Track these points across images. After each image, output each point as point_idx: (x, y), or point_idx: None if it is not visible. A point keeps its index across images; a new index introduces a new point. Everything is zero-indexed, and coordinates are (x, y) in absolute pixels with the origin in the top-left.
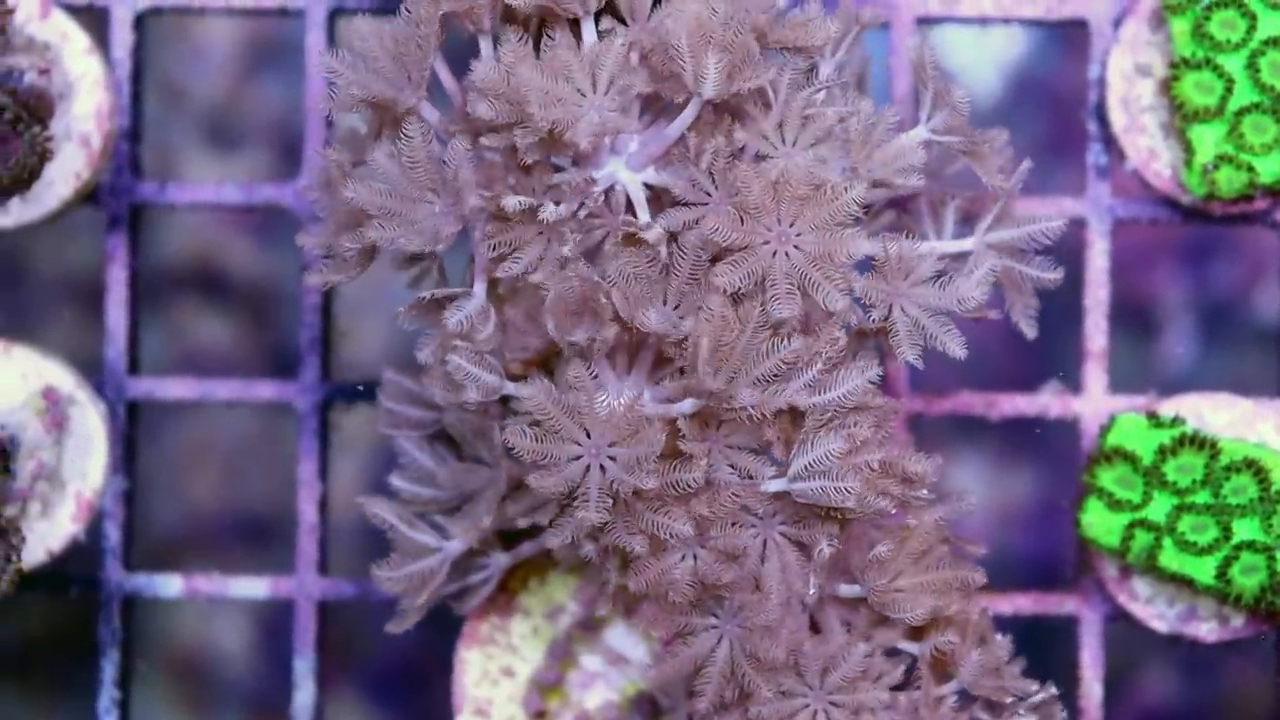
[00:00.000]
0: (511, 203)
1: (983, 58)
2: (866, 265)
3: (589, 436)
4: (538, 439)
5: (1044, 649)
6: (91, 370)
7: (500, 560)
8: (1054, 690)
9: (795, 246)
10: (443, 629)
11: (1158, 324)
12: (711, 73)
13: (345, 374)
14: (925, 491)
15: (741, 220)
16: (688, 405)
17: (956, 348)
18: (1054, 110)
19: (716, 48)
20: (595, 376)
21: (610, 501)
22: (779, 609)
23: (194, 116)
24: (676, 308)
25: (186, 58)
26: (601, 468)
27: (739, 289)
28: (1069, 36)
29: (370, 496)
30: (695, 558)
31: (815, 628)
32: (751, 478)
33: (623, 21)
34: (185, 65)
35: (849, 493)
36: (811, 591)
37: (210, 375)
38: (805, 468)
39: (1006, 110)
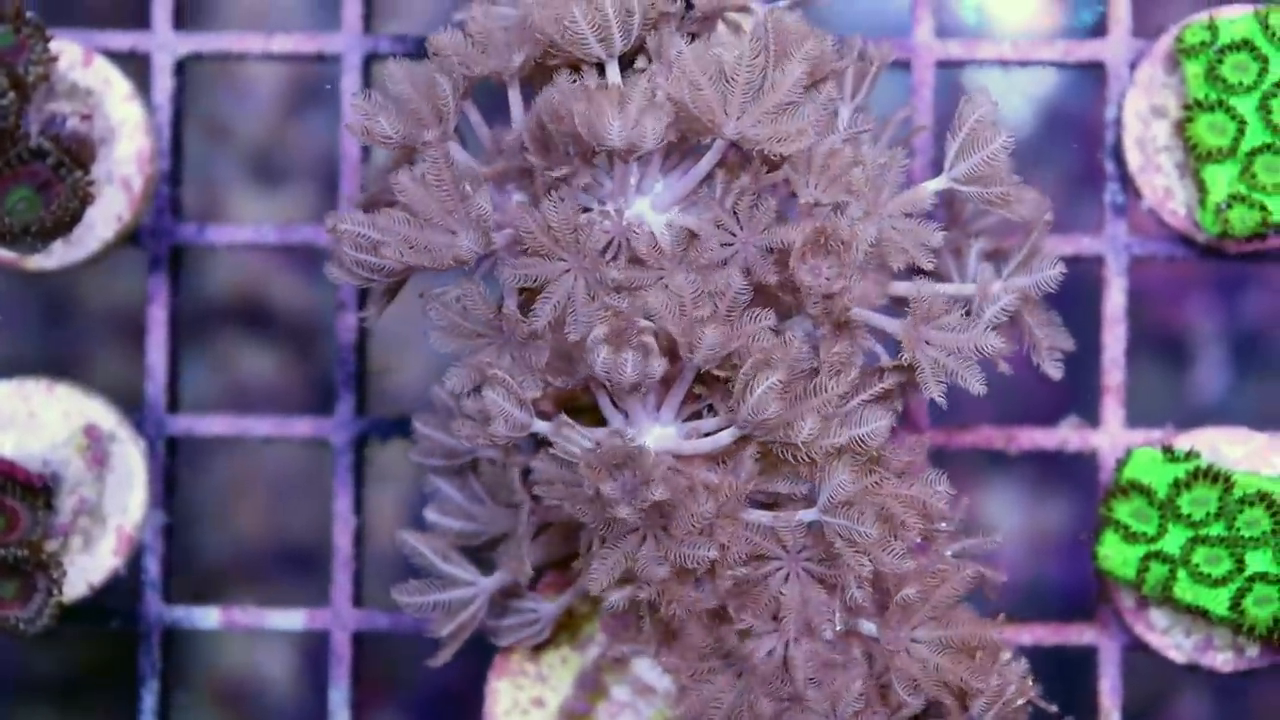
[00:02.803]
0: (553, 214)
1: (1011, 91)
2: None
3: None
4: (566, 482)
5: (1064, 679)
6: (135, 404)
7: (548, 610)
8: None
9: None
10: (478, 658)
11: (1187, 355)
12: (734, 114)
13: (382, 408)
14: (945, 525)
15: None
16: (725, 437)
17: (977, 385)
18: (1083, 144)
19: (739, 92)
20: (626, 414)
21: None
22: (793, 645)
23: (238, 153)
24: None
25: (230, 96)
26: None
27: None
28: (1096, 74)
29: (408, 530)
30: (712, 587)
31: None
32: (780, 507)
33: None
34: (229, 103)
35: (867, 536)
36: (838, 628)
37: (254, 405)
38: (829, 500)
39: (1036, 144)
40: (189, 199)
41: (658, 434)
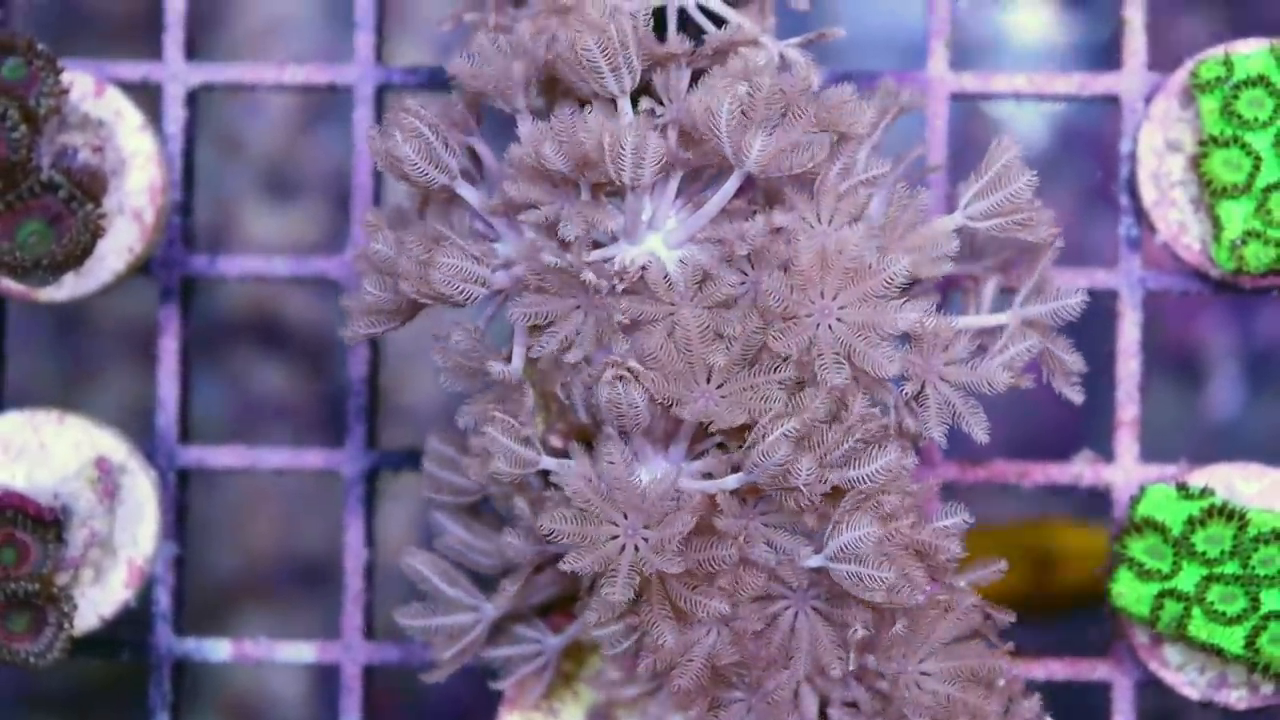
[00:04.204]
0: (549, 259)
1: (1030, 112)
2: (902, 341)
3: (626, 518)
4: (575, 520)
5: (1077, 714)
6: (147, 431)
7: (552, 643)
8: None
9: (839, 319)
10: (489, 691)
11: (1202, 382)
12: (755, 147)
13: (395, 430)
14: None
15: (790, 290)
16: (731, 481)
17: (980, 432)
18: (1102, 167)
19: (758, 123)
20: (634, 453)
21: (637, 579)
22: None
23: (252, 169)
24: (721, 386)
25: (243, 111)
26: (636, 548)
27: (791, 356)
28: (1112, 107)
29: (411, 550)
30: (719, 634)
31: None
32: (787, 554)
33: (659, 101)
34: (242, 119)
35: (881, 581)
36: (850, 667)
37: (269, 424)
38: (841, 549)
39: (1054, 165)
40: (202, 216)
41: (665, 471)
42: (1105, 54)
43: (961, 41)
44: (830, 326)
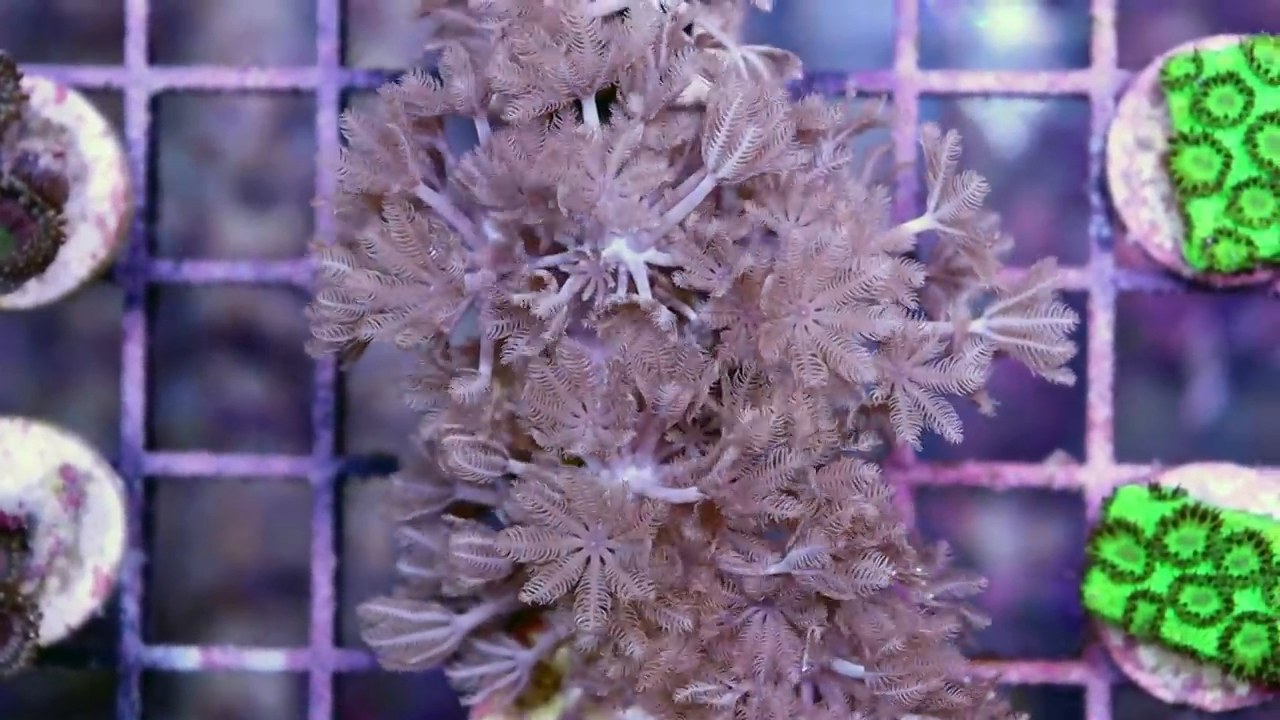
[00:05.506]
0: (518, 298)
1: (1010, 112)
2: (872, 343)
3: (587, 529)
4: (535, 537)
5: (1053, 717)
6: (117, 437)
7: (524, 657)
8: None
9: (815, 321)
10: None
11: (1183, 376)
12: (734, 157)
13: (369, 439)
14: (921, 570)
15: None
16: (693, 492)
17: (953, 431)
18: (1080, 167)
19: (751, 125)
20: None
21: (610, 600)
22: (770, 690)
23: (226, 177)
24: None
25: (217, 119)
26: (602, 560)
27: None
28: (1082, 105)
29: (367, 603)
30: (685, 642)
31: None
32: (753, 560)
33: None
34: (216, 127)
35: (841, 590)
36: (804, 669)
37: (244, 430)
38: (803, 560)
39: (1032, 165)
40: (178, 225)
41: (633, 476)
42: (1085, 58)
43: (938, 45)
44: (807, 328)
